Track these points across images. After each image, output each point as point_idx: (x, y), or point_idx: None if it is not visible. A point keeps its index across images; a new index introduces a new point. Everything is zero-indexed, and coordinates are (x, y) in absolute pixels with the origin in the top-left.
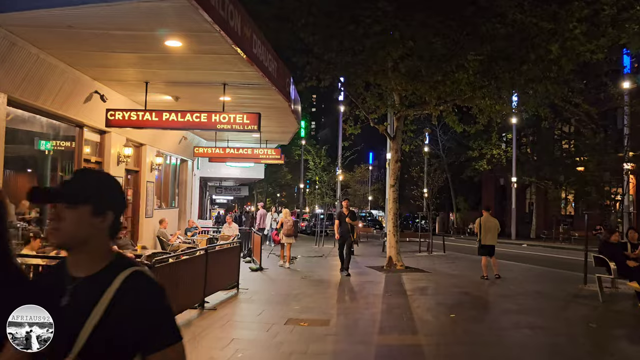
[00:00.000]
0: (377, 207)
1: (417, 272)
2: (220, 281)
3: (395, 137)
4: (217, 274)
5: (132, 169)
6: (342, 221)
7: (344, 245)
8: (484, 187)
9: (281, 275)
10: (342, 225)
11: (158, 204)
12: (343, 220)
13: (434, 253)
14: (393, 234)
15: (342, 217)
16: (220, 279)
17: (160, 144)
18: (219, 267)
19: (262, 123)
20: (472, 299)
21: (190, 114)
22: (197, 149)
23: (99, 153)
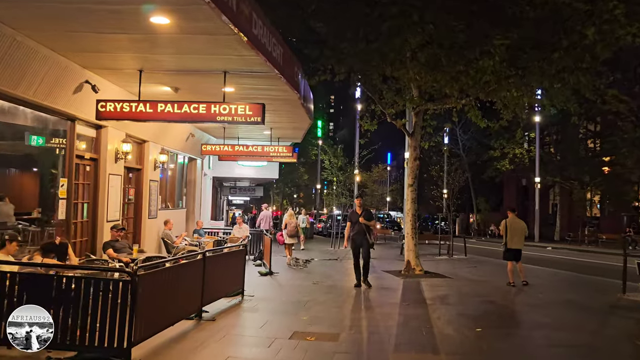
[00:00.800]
0: (395, 208)
1: (437, 278)
2: (222, 288)
3: (414, 134)
4: (218, 280)
5: (133, 166)
6: (355, 222)
7: (359, 252)
8: (505, 187)
9: (291, 281)
10: (355, 227)
11: (163, 204)
12: (356, 221)
13: (455, 256)
14: (411, 236)
15: (354, 217)
16: (222, 285)
17: (164, 140)
18: (221, 272)
19: (271, 118)
20: (499, 309)
21: (187, 104)
22: (204, 146)
23: (94, 149)
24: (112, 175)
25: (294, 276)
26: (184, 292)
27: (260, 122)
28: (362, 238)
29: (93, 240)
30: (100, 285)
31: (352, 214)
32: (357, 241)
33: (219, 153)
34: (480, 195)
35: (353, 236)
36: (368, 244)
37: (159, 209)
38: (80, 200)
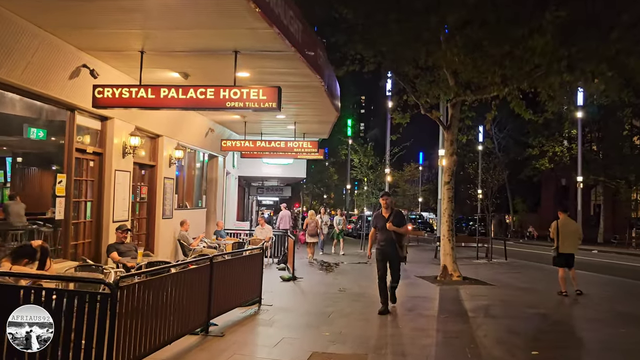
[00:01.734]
0: (427, 209)
1: (478, 285)
2: (234, 297)
3: (450, 127)
4: (229, 289)
5: (146, 163)
6: (380, 227)
7: (386, 268)
8: (543, 187)
9: (315, 287)
10: (382, 234)
11: (180, 203)
12: (382, 226)
13: (494, 260)
14: (448, 239)
15: (380, 221)
16: (234, 294)
17: (181, 135)
18: (233, 279)
19: (294, 110)
20: (555, 325)
21: (193, 89)
22: (224, 142)
23: (99, 143)
24: (119, 171)
25: (318, 282)
26: (186, 305)
27: (275, 109)
28: (391, 249)
29: (98, 242)
30: (74, 299)
31: (377, 217)
32: (384, 253)
33: (239, 149)
34: (516, 195)
35: (379, 247)
36: (399, 257)
37: (175, 209)
38: (83, 198)
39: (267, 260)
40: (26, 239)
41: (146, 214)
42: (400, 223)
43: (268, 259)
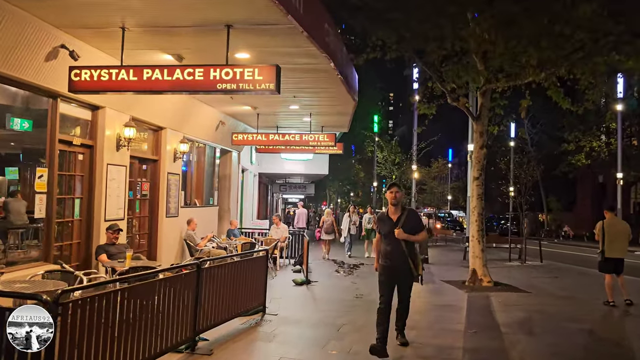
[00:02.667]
0: (457, 207)
1: (511, 292)
2: (231, 307)
3: (480, 117)
4: (225, 298)
5: (148, 157)
6: (386, 234)
7: (391, 289)
8: (579, 184)
9: (329, 293)
10: (388, 243)
11: (187, 200)
12: (389, 233)
13: (528, 262)
14: (477, 240)
15: (386, 225)
16: (232, 303)
17: (187, 128)
18: (230, 287)
19: (307, 100)
20: (606, 345)
21: (180, 69)
22: (235, 135)
23: (90, 134)
24: (113, 165)
25: (334, 286)
26: (165, 318)
27: (273, 91)
28: (400, 267)
29: (88, 242)
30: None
31: (382, 220)
32: (391, 272)
33: (251, 143)
34: (550, 193)
35: (383, 263)
36: (411, 276)
37: (181, 207)
38: (70, 195)
39: (282, 261)
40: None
41: (148, 212)
42: (415, 228)
43: (284, 260)
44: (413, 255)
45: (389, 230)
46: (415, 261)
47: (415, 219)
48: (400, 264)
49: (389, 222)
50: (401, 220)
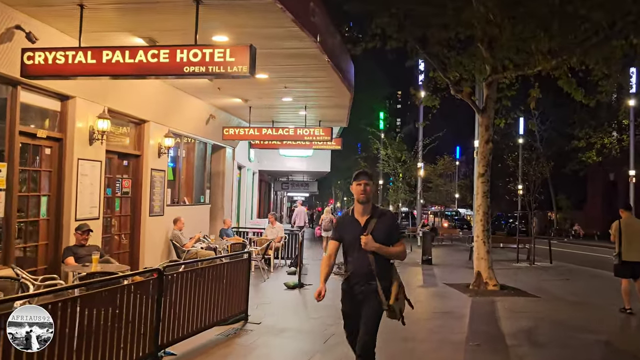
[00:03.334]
0: (465, 206)
1: (519, 296)
2: (206, 316)
3: (486, 110)
4: (197, 307)
5: (129, 152)
6: (349, 244)
7: (356, 323)
8: (589, 182)
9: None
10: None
11: (175, 199)
12: (353, 241)
13: (537, 264)
14: (483, 240)
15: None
16: (206, 312)
17: (173, 121)
18: (204, 294)
19: (300, 91)
20: (624, 359)
21: (143, 51)
22: (226, 130)
23: (59, 127)
24: (85, 160)
25: (328, 290)
26: (119, 334)
27: (247, 74)
28: (365, 288)
29: (57, 244)
30: None
31: (344, 223)
32: (353, 300)
33: (243, 137)
34: (559, 191)
35: (345, 286)
36: (378, 305)
37: (167, 205)
38: (36, 192)
39: (278, 262)
40: None
41: (130, 210)
42: (390, 237)
43: (279, 261)
44: (385, 276)
45: (353, 238)
46: (386, 285)
47: (390, 223)
48: (365, 287)
49: (353, 226)
50: (370, 224)
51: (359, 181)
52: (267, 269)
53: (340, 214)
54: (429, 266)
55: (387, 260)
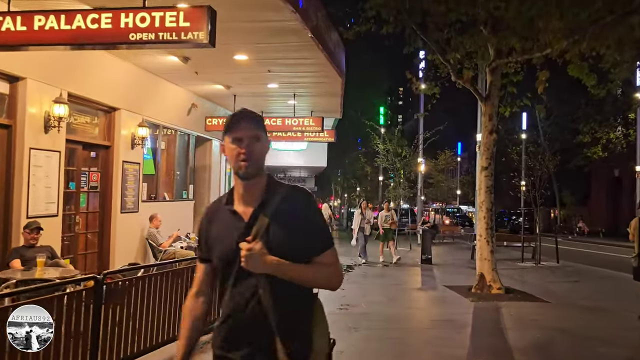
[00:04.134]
0: (467, 203)
1: (525, 301)
2: (163, 331)
3: (489, 97)
4: (151, 321)
5: (96, 142)
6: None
7: None
8: (593, 178)
9: None
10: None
11: (152, 194)
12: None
13: (543, 263)
14: (486, 239)
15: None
16: (163, 327)
17: (148, 110)
18: (161, 305)
19: (286, 75)
20: None
21: (81, 15)
22: (209, 120)
23: (7, 112)
24: (38, 150)
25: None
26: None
27: (206, 43)
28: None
29: (5, 244)
30: None
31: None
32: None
33: None
34: (562, 187)
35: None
36: None
37: (142, 201)
38: None
39: None
40: None
41: (99, 206)
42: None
43: None
44: (294, 328)
45: (229, 249)
46: (299, 349)
47: (304, 215)
48: (251, 352)
49: (227, 226)
50: (261, 220)
51: (237, 133)
52: None
53: (211, 204)
54: (429, 266)
55: (299, 293)
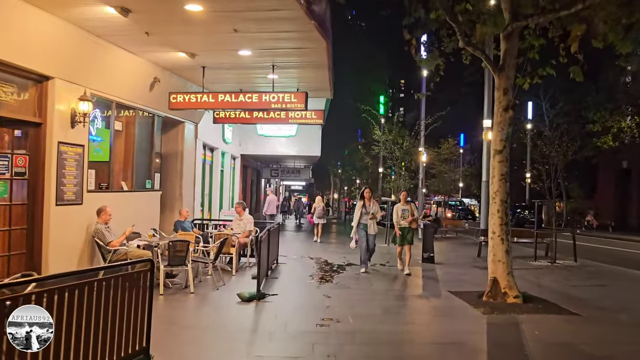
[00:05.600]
0: (469, 195)
1: (550, 314)
2: None
3: (504, 68)
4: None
5: (22, 118)
6: None
7: None
8: (600, 170)
9: (283, 314)
10: None
11: (104, 183)
12: None
13: (559, 262)
14: (500, 238)
15: None
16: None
17: (94, 80)
18: (64, 328)
19: (256, 38)
20: None
21: None
22: (172, 96)
23: None
24: None
25: (297, 303)
26: None
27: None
28: None
29: None
30: None
31: None
32: None
33: (195, 105)
34: (568, 179)
35: None
36: None
37: (88, 191)
38: None
39: (248, 261)
40: None
41: (28, 197)
42: None
43: (248, 259)
44: None
45: None
46: None
47: None
48: None
49: None
50: None
51: None
52: (229, 270)
53: None
54: (431, 265)
55: None
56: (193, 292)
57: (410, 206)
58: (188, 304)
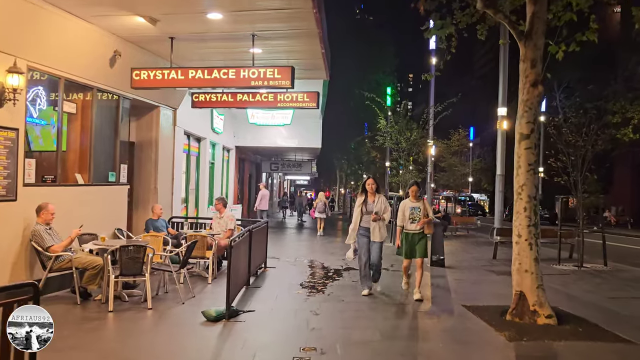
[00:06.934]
0: (479, 190)
1: (596, 341)
2: None
3: (530, 35)
4: None
5: None
6: None
7: None
8: (617, 164)
9: (256, 339)
10: None
11: (50, 175)
12: None
13: (586, 265)
14: (528, 242)
15: None
16: None
17: (30, 50)
18: None
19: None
20: None
21: None
22: (135, 72)
23: None
24: None
25: (275, 323)
26: None
27: None
28: None
29: None
30: None
31: None
32: None
33: (162, 83)
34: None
35: None
36: None
37: (24, 184)
38: None
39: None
40: None
41: None
42: None
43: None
44: None
45: None
46: None
47: None
48: None
49: None
50: None
51: None
52: (207, 277)
53: None
54: (441, 270)
55: None
56: (151, 307)
57: (422, 203)
58: (137, 326)
